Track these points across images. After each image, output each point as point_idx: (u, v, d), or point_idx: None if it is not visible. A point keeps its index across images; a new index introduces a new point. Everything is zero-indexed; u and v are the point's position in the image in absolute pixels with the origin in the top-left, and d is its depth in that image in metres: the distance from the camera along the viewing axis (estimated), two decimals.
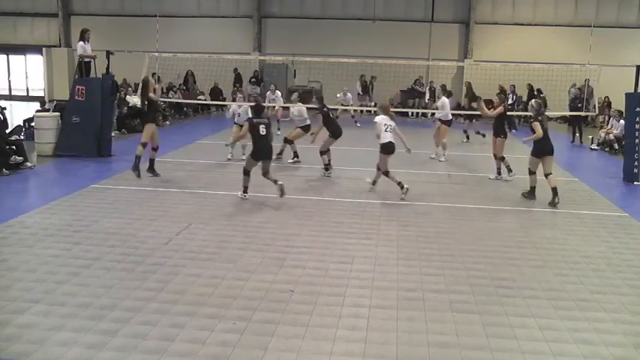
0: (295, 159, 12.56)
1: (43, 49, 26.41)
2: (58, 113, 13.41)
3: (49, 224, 7.62)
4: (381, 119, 9.74)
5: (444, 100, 14.41)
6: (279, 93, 17.95)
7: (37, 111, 15.04)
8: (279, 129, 15.65)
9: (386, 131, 9.64)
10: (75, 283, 5.72)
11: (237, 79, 24.87)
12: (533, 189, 9.89)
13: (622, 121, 15.90)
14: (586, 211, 9.27)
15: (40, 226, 7.55)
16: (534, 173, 9.79)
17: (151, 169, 10.72)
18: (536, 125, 9.52)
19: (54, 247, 6.74)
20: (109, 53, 14.06)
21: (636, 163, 11.72)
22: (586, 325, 5.20)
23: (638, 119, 11.77)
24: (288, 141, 12.57)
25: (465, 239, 7.59)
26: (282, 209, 8.78)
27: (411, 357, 4.55)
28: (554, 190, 9.53)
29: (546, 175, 9.61)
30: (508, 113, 20.26)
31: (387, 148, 9.63)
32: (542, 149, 9.64)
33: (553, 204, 9.47)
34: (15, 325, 4.81)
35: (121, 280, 5.84)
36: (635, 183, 11.62)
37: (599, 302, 5.72)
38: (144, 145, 10.42)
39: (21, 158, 11.10)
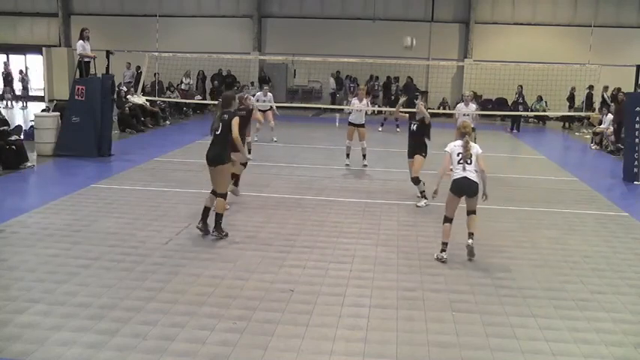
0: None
1: (43, 48, 26.40)
2: (58, 113, 13.41)
3: (49, 224, 7.61)
4: None
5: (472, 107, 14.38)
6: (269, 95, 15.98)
7: (43, 110, 14.98)
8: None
9: None
10: (75, 282, 5.72)
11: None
12: None
13: (609, 115, 16.20)
14: (586, 211, 9.26)
15: (40, 226, 7.54)
16: None
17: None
18: None
19: (54, 247, 6.73)
20: (109, 53, 14.07)
21: (636, 163, 11.72)
22: (586, 325, 5.21)
23: (638, 119, 11.77)
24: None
25: (465, 239, 7.57)
26: (282, 209, 8.78)
27: (411, 357, 4.55)
28: None
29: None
30: (513, 113, 20.36)
31: None
32: None
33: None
34: (15, 325, 4.81)
35: (121, 279, 5.84)
36: (635, 182, 11.62)
37: (599, 302, 5.72)
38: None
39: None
